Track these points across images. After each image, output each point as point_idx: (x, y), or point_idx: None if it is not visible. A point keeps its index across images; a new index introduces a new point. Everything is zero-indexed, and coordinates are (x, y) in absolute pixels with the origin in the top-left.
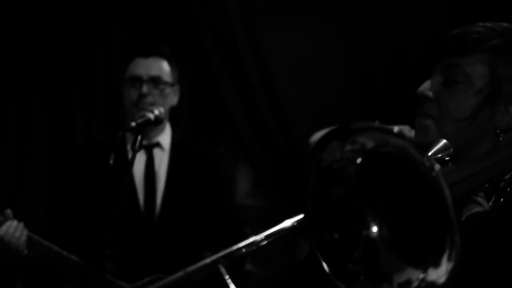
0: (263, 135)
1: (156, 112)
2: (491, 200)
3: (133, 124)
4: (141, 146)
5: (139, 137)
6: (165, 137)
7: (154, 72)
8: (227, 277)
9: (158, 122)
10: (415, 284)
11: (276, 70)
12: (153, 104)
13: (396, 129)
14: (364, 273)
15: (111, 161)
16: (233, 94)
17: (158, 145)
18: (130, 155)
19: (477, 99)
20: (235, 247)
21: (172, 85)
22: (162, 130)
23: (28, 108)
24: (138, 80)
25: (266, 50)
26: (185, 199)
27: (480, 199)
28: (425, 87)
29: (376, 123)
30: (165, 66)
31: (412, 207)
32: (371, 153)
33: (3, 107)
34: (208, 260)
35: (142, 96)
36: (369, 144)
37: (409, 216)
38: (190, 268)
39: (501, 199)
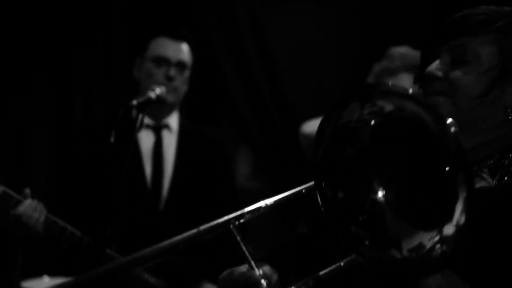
0: (264, 118)
1: (158, 91)
2: (495, 178)
3: (135, 102)
4: (142, 125)
5: (140, 116)
6: (173, 120)
7: (182, 57)
8: (238, 238)
9: (159, 101)
10: (428, 246)
11: (278, 53)
12: (177, 88)
13: (412, 91)
14: (369, 238)
15: (112, 139)
16: (234, 77)
17: (166, 126)
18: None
19: (487, 78)
20: (246, 209)
21: (191, 68)
22: (171, 112)
23: (28, 88)
24: (166, 62)
25: (268, 33)
26: (192, 181)
27: (485, 175)
28: (433, 67)
29: (397, 87)
30: (189, 51)
31: (423, 171)
32: (388, 117)
33: (3, 87)
34: (220, 220)
35: (170, 79)
36: (388, 107)
37: (418, 181)
38: (203, 227)
39: (505, 178)
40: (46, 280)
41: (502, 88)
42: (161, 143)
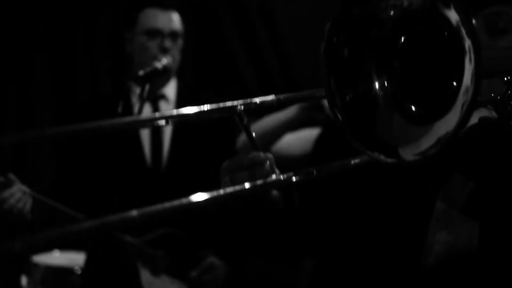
0: (267, 84)
1: (164, 61)
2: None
3: (141, 73)
4: (149, 96)
5: (147, 87)
6: (170, 89)
7: (174, 26)
8: (246, 120)
9: (166, 72)
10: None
11: (282, 22)
12: (173, 58)
13: None
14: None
15: (120, 110)
16: (238, 46)
17: (163, 97)
18: (136, 106)
19: None
20: (255, 99)
21: (183, 37)
22: (168, 82)
23: (30, 64)
24: (158, 34)
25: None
26: (192, 152)
27: (492, 112)
28: None
29: None
30: (179, 19)
31: (429, 65)
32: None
33: (6, 64)
34: (228, 104)
35: (165, 50)
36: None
37: (422, 75)
38: (209, 106)
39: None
40: (57, 255)
41: None
42: None
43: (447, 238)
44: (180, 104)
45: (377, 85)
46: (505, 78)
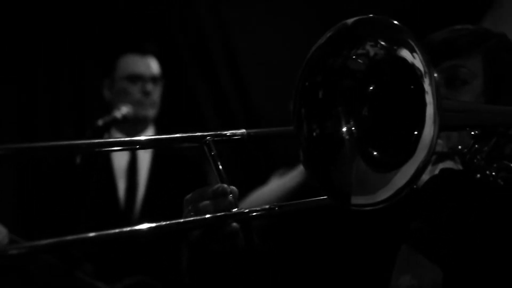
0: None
1: (124, 111)
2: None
3: (100, 122)
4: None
5: (106, 136)
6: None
7: (154, 71)
8: (213, 152)
9: (125, 121)
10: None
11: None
12: (154, 102)
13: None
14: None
15: (78, 160)
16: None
17: None
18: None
19: (484, 99)
20: (225, 132)
21: (160, 81)
22: (146, 128)
23: None
24: (140, 78)
25: (235, 44)
26: (166, 200)
27: (458, 165)
28: None
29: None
30: (158, 65)
31: (395, 114)
32: (373, 58)
33: None
34: (197, 133)
35: (147, 93)
36: (371, 50)
37: (388, 123)
38: (178, 134)
39: (478, 175)
40: None
41: None
42: (135, 162)
43: (411, 282)
44: (157, 152)
45: (344, 128)
46: (472, 132)
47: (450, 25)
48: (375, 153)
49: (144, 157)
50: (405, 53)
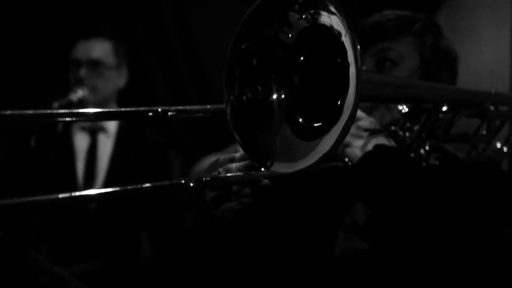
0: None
1: (80, 94)
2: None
3: (56, 105)
4: (65, 128)
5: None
6: (111, 122)
7: (94, 55)
8: None
9: (81, 104)
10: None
11: (204, 51)
12: (95, 87)
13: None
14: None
15: (32, 143)
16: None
17: (103, 129)
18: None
19: (414, 79)
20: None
21: (116, 66)
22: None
23: None
24: (77, 64)
25: (194, 32)
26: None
27: (391, 142)
28: None
29: None
30: (107, 47)
31: (319, 85)
32: (303, 30)
33: None
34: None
35: (79, 80)
36: (294, 25)
37: (315, 92)
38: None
39: (411, 152)
40: None
41: None
42: (95, 147)
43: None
44: (120, 138)
45: (275, 95)
46: (402, 111)
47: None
48: (301, 121)
49: (106, 141)
50: (325, 18)
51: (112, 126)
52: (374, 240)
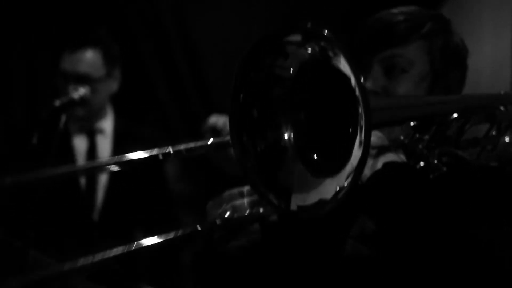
0: (189, 117)
1: (82, 92)
2: (411, 161)
3: (57, 103)
4: (66, 127)
5: (63, 117)
6: (107, 123)
7: (81, 69)
8: None
9: (83, 102)
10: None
11: (204, 53)
12: (84, 101)
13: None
14: (254, 161)
15: (34, 141)
16: (158, 75)
17: (100, 131)
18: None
19: (424, 85)
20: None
21: (106, 75)
22: (104, 115)
23: None
24: (65, 77)
25: (194, 31)
26: (128, 188)
27: (400, 154)
28: (369, 83)
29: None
30: (95, 59)
31: (329, 118)
32: (299, 66)
33: None
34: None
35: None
36: (294, 58)
37: (324, 130)
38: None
39: (421, 163)
40: None
41: (436, 92)
42: (95, 148)
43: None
44: (117, 138)
45: (285, 135)
46: (412, 123)
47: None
48: (315, 158)
49: (104, 142)
50: (335, 60)
51: (108, 126)
52: (381, 251)
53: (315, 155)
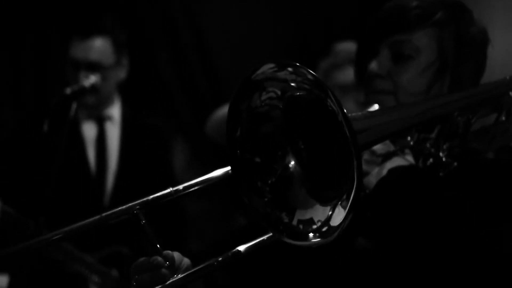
0: (198, 106)
1: (92, 80)
2: (420, 160)
3: (68, 91)
4: (77, 114)
5: (74, 105)
6: (115, 110)
7: (92, 57)
8: (143, 222)
9: (94, 90)
10: (315, 223)
11: (213, 42)
12: (94, 89)
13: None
14: (270, 196)
15: (45, 128)
16: (168, 66)
17: (109, 118)
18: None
19: (429, 73)
20: (151, 196)
21: (116, 63)
22: (112, 102)
23: None
24: (75, 64)
25: (204, 23)
26: (137, 174)
27: (407, 157)
28: (375, 65)
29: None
30: (106, 46)
31: (323, 146)
32: (283, 98)
33: None
34: (124, 206)
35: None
36: (277, 91)
37: (320, 155)
38: (106, 213)
39: (430, 159)
40: None
41: (442, 81)
42: (104, 135)
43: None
44: (125, 126)
45: (292, 163)
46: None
47: None
48: (317, 184)
49: (113, 128)
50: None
51: (116, 113)
52: (388, 246)
53: (316, 183)
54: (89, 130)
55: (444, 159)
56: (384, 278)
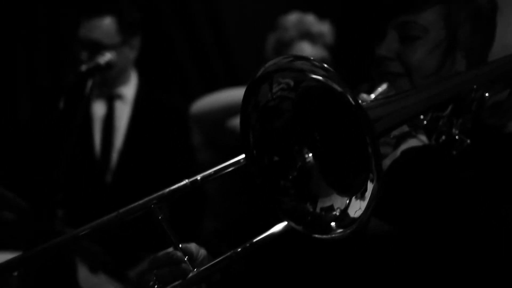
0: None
1: (108, 57)
2: (433, 138)
3: (84, 68)
4: (92, 92)
5: (89, 82)
6: (129, 89)
7: (93, 36)
8: (160, 217)
9: (109, 67)
10: (336, 212)
11: (227, 18)
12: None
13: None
14: (294, 190)
15: (61, 105)
16: (183, 46)
17: (119, 97)
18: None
19: (439, 52)
20: (167, 189)
21: (121, 44)
22: (126, 81)
23: None
24: (80, 44)
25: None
26: (144, 154)
27: (420, 136)
28: (383, 48)
29: (286, 60)
30: (109, 26)
31: (338, 136)
32: (297, 89)
33: None
34: (141, 201)
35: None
36: (291, 82)
37: (336, 146)
38: (123, 209)
39: (443, 137)
40: None
41: (453, 58)
42: (112, 114)
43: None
44: (137, 105)
45: (308, 156)
46: None
47: None
48: (337, 176)
49: (123, 108)
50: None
51: (129, 92)
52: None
53: (335, 174)
54: (98, 109)
55: (457, 136)
56: (398, 261)
